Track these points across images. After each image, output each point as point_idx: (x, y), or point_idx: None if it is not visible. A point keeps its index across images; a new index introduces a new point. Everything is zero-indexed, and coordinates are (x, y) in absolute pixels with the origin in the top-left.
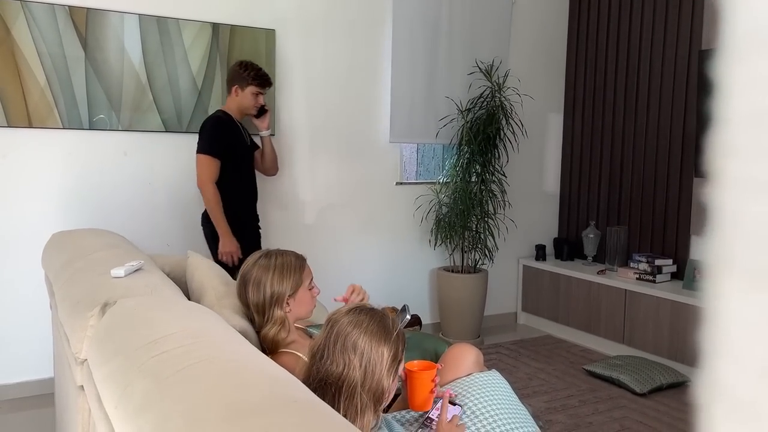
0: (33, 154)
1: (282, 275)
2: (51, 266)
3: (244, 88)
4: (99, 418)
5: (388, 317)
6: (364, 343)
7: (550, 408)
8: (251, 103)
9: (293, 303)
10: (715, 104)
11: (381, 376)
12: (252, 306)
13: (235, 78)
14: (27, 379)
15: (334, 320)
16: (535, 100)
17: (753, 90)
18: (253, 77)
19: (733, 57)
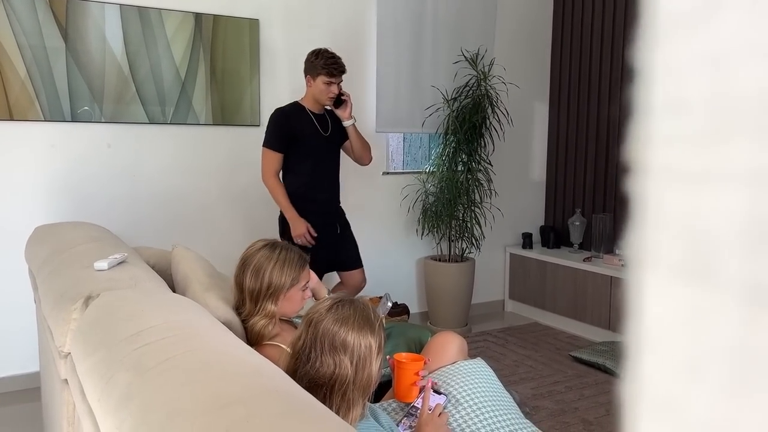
0: (14, 147)
1: (282, 269)
2: (34, 260)
3: (315, 77)
4: (83, 412)
5: (368, 307)
6: (353, 339)
7: (537, 394)
8: (324, 93)
9: (283, 299)
10: (635, 91)
11: (371, 369)
12: (247, 291)
13: (307, 67)
14: (13, 373)
15: (316, 320)
16: (521, 88)
17: (670, 77)
18: (322, 65)
19: (652, 42)
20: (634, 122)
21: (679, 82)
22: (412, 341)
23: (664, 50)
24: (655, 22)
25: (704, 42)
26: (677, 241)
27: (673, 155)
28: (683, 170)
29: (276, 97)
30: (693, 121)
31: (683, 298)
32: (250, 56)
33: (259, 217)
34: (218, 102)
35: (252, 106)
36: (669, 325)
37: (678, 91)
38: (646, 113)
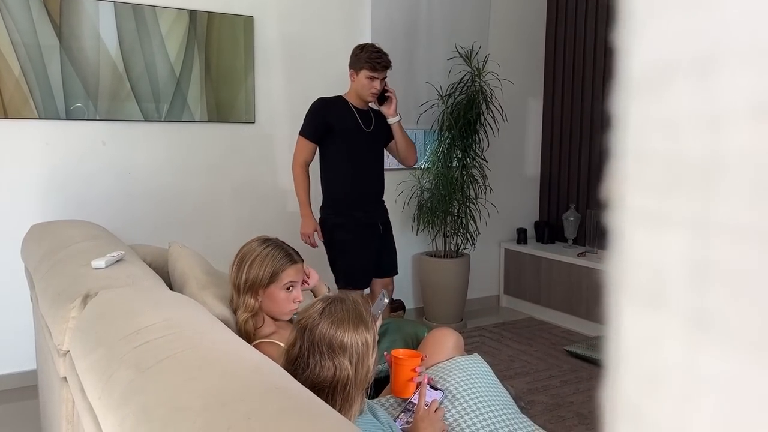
0: (9, 145)
1: (261, 264)
2: (30, 258)
3: (358, 71)
4: (83, 409)
5: (359, 302)
6: (350, 340)
7: (532, 389)
8: (366, 89)
9: (264, 296)
10: (612, 135)
11: (368, 363)
12: (232, 282)
13: (351, 61)
14: (9, 371)
15: (311, 326)
16: (515, 84)
17: (642, 129)
18: (366, 59)
19: (627, 95)
20: (612, 163)
21: (643, 137)
22: (409, 337)
23: (633, 107)
24: (626, 80)
25: (661, 107)
26: (640, 271)
27: (640, 198)
28: (647, 211)
29: (271, 94)
30: (653, 171)
31: (644, 320)
32: (244, 53)
33: (254, 214)
34: (213, 99)
35: (247, 103)
36: (635, 342)
37: (643, 144)
38: (619, 158)
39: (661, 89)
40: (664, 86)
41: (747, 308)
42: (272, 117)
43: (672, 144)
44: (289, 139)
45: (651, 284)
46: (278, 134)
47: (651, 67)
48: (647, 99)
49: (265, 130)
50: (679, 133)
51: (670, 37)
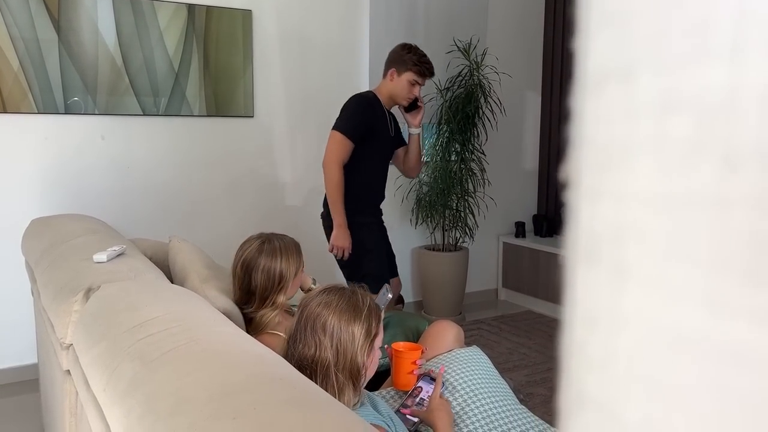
0: (8, 140)
1: (288, 258)
2: (31, 252)
3: (401, 72)
4: (87, 401)
5: (358, 294)
6: (333, 323)
7: (531, 381)
8: (405, 92)
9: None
10: (571, 128)
11: (354, 355)
12: (259, 291)
13: (395, 60)
14: (10, 365)
15: (304, 304)
16: (513, 78)
17: (588, 121)
18: (415, 62)
19: (584, 90)
20: (570, 150)
21: (589, 126)
22: (409, 330)
23: (584, 103)
24: (580, 81)
25: (599, 104)
26: (583, 235)
27: (585, 177)
28: (589, 187)
29: (269, 89)
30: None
31: (585, 273)
32: (243, 47)
33: (253, 208)
34: (212, 93)
35: (245, 98)
36: (580, 292)
37: (589, 132)
38: (575, 145)
39: (599, 90)
40: (601, 88)
41: (651, 258)
42: (271, 111)
43: (606, 132)
44: (288, 133)
45: (589, 245)
46: (277, 128)
47: (593, 72)
48: (591, 96)
49: (264, 125)
50: (609, 124)
51: (607, 47)
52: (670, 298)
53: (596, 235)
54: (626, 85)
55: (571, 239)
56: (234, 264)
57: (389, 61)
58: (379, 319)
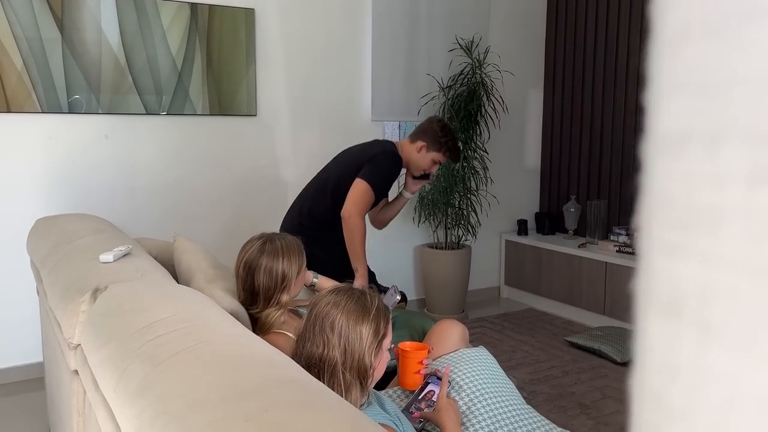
0: (12, 139)
1: (290, 258)
2: (37, 252)
3: (431, 150)
4: (96, 401)
5: (366, 295)
6: (341, 322)
7: (534, 379)
8: (425, 167)
9: (294, 286)
10: (641, 178)
11: (362, 355)
12: (262, 291)
13: (430, 137)
14: (16, 364)
15: (314, 303)
16: (516, 76)
17: (664, 178)
18: (449, 148)
19: (652, 150)
20: (640, 199)
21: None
22: (415, 330)
23: (657, 160)
24: (652, 138)
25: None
26: (662, 288)
27: (663, 230)
28: (668, 242)
29: (272, 87)
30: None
31: (664, 326)
32: (246, 46)
33: (256, 207)
34: (215, 92)
35: (248, 96)
36: (658, 342)
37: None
38: (646, 196)
39: (679, 151)
40: (681, 149)
41: (741, 321)
42: (273, 110)
43: (687, 192)
44: (291, 132)
45: (670, 299)
46: (279, 127)
47: (671, 133)
48: (668, 156)
49: (267, 123)
50: (692, 186)
51: (686, 112)
52: (759, 363)
53: (678, 290)
54: (712, 150)
55: (646, 289)
56: (236, 265)
57: (423, 133)
58: (387, 321)
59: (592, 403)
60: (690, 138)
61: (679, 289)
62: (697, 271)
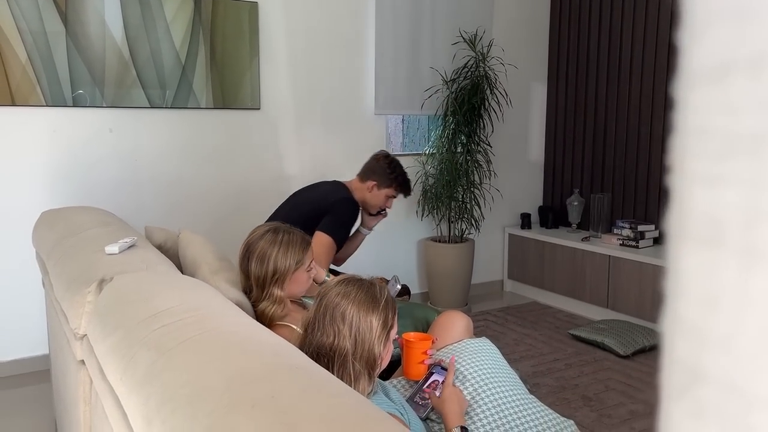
0: (17, 133)
1: (286, 252)
2: (42, 244)
3: (382, 188)
4: (102, 390)
5: (375, 286)
6: (352, 313)
7: (537, 372)
8: (380, 204)
9: (290, 282)
10: (675, 115)
11: (371, 345)
12: (253, 278)
13: (379, 175)
14: (22, 356)
15: (323, 293)
16: (519, 69)
17: (703, 111)
18: (399, 183)
19: (688, 84)
20: (673, 137)
21: (704, 116)
22: (419, 321)
23: (694, 94)
24: (687, 73)
25: (720, 94)
26: (699, 220)
27: (699, 164)
28: (704, 174)
29: (276, 81)
30: (711, 143)
31: (703, 255)
32: (249, 39)
33: (260, 200)
34: (218, 85)
35: (252, 90)
36: (694, 273)
37: (703, 122)
38: (680, 133)
39: (720, 81)
40: (722, 79)
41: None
42: (277, 103)
43: (729, 121)
44: (294, 126)
45: (709, 229)
46: (283, 120)
47: (710, 64)
48: (708, 88)
49: (270, 117)
50: (736, 114)
51: (725, 41)
52: None
53: (718, 219)
54: (755, 76)
55: (679, 223)
56: (241, 248)
57: (370, 172)
58: (395, 312)
59: (595, 395)
60: (730, 67)
61: (719, 217)
62: (740, 197)
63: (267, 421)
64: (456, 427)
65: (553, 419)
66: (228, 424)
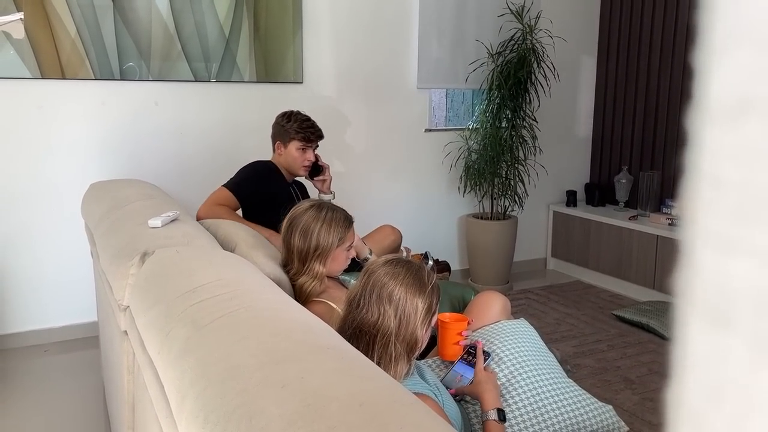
0: (67, 105)
1: (329, 230)
2: (90, 216)
3: (286, 144)
4: (143, 362)
5: (424, 270)
6: (399, 294)
7: (579, 352)
8: (298, 162)
9: (329, 260)
10: (687, 155)
11: (415, 327)
12: (295, 252)
13: (277, 132)
14: (72, 322)
15: (371, 270)
16: (568, 42)
17: (717, 155)
18: (296, 130)
19: (704, 120)
20: (685, 182)
21: (718, 163)
22: (455, 299)
23: (709, 133)
24: (703, 106)
25: (737, 137)
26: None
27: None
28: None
29: (319, 54)
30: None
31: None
32: (293, 13)
33: None
34: (261, 59)
35: (295, 63)
36: (701, 355)
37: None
38: (693, 178)
39: (737, 121)
40: (740, 119)
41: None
42: (320, 77)
43: (744, 173)
44: (336, 99)
45: (718, 304)
46: (325, 94)
47: (728, 99)
48: (723, 128)
49: (313, 90)
50: (752, 166)
51: (746, 73)
52: None
53: (729, 295)
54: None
55: (689, 289)
56: (284, 221)
57: (272, 135)
58: (439, 297)
59: (638, 378)
60: (750, 104)
61: (730, 292)
62: (754, 273)
63: (295, 402)
64: (492, 409)
65: (590, 403)
66: (257, 403)
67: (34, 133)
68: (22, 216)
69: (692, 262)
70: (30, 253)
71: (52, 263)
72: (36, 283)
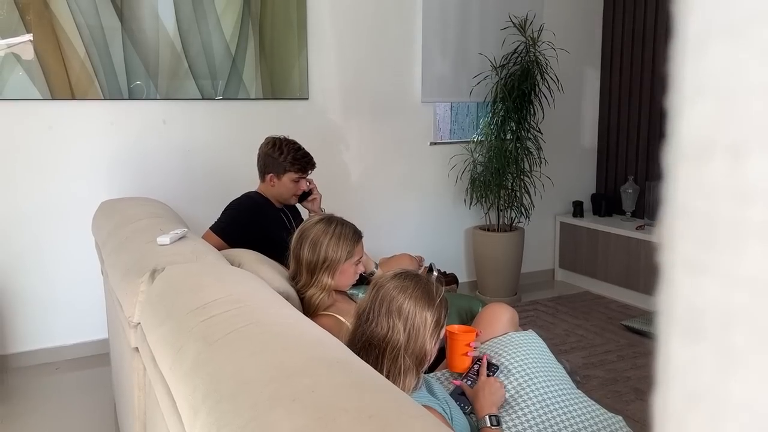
0: (76, 125)
1: (338, 243)
2: (100, 234)
3: (281, 176)
4: (155, 378)
5: (432, 283)
6: (408, 308)
7: (588, 363)
8: (291, 192)
9: (338, 273)
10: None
11: (424, 340)
12: (304, 264)
13: (269, 164)
14: (83, 340)
15: (380, 284)
16: (571, 54)
17: (686, 190)
18: (291, 161)
19: (675, 159)
20: (662, 213)
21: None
22: (463, 311)
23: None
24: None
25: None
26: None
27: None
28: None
29: (324, 70)
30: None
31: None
32: (297, 30)
33: None
34: (268, 76)
35: (300, 80)
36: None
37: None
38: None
39: (702, 162)
40: (704, 158)
41: (764, 347)
42: (325, 93)
43: (710, 206)
44: (341, 114)
45: (690, 320)
46: (331, 110)
47: (695, 141)
48: (691, 166)
49: (319, 106)
50: (715, 200)
51: (709, 120)
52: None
53: (699, 311)
54: (735, 163)
55: (666, 308)
56: (295, 233)
57: (263, 167)
58: (447, 311)
59: (649, 388)
60: (713, 147)
61: (701, 310)
62: (716, 291)
63: (306, 416)
64: (486, 415)
65: (600, 414)
66: (269, 417)
67: (45, 153)
68: (32, 235)
69: (669, 282)
70: (40, 272)
71: (62, 281)
72: (46, 302)
